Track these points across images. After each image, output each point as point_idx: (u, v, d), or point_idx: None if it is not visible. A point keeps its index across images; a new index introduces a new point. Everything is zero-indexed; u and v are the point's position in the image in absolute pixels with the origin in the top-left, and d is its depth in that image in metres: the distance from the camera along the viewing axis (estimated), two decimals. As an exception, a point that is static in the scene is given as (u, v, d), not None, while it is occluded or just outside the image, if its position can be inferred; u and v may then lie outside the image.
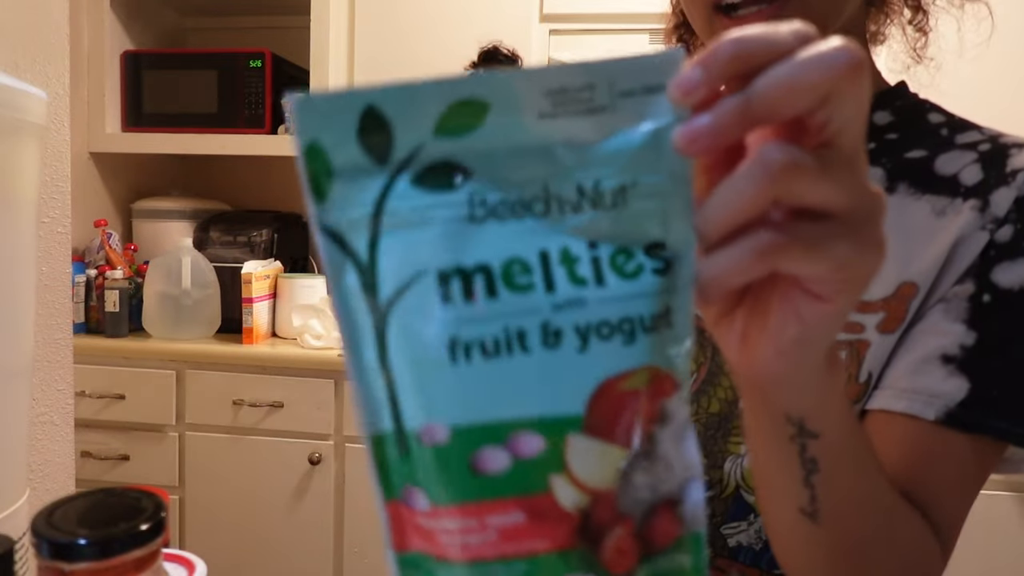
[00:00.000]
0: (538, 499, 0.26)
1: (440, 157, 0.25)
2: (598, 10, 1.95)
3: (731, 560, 0.56)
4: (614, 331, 0.26)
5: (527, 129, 0.25)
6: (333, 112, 0.25)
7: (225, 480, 1.85)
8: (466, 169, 0.25)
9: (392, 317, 0.25)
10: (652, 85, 0.25)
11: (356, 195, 0.25)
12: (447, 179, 0.25)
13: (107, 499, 0.37)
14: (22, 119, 0.60)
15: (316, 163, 0.25)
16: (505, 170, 0.25)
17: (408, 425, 0.26)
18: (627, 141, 0.26)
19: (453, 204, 0.25)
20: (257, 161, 2.35)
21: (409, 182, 0.25)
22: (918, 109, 0.58)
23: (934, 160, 0.54)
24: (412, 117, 0.25)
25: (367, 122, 0.25)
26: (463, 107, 0.25)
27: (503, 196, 0.25)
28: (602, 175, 0.26)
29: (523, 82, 0.25)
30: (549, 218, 0.25)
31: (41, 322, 0.97)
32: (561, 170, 0.25)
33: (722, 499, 0.56)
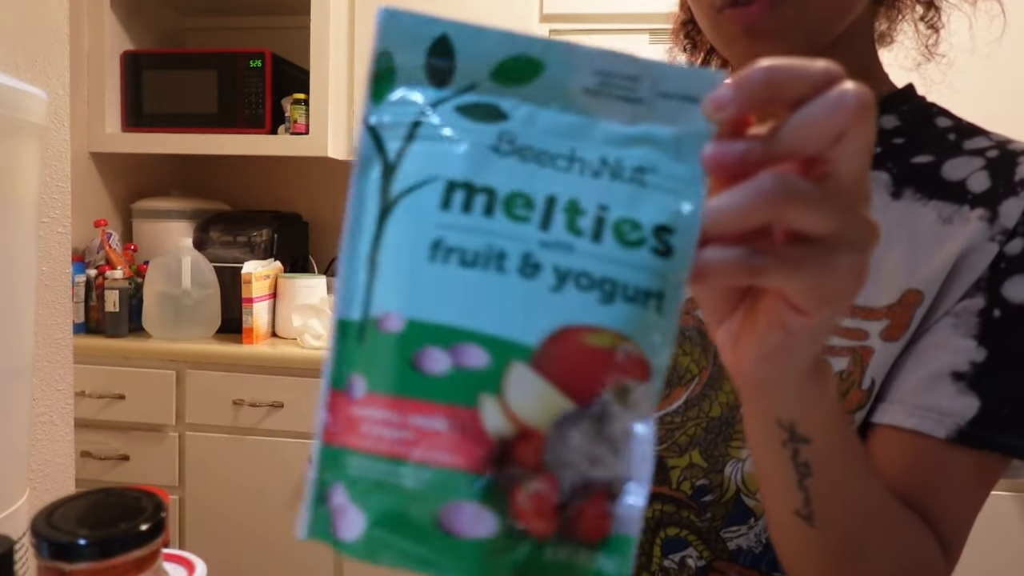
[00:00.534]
0: (464, 412, 0.26)
1: (488, 98, 0.28)
2: (598, 10, 1.95)
3: (730, 562, 0.56)
4: (594, 285, 0.27)
5: (570, 97, 0.28)
6: (412, 28, 0.28)
7: (225, 480, 1.85)
8: (507, 115, 0.28)
9: (396, 209, 0.27)
10: (689, 95, 0.28)
11: (406, 104, 0.28)
12: (488, 115, 0.28)
13: (107, 499, 0.37)
14: (22, 119, 0.60)
15: (383, 66, 0.28)
16: (541, 126, 0.28)
17: (372, 312, 0.27)
18: (656, 134, 0.28)
19: (485, 133, 0.28)
20: (257, 161, 2.35)
21: (455, 108, 0.28)
22: (925, 113, 0.58)
23: (941, 165, 0.53)
24: (476, 55, 0.28)
25: (437, 47, 0.28)
26: (522, 61, 0.28)
27: (532, 143, 0.28)
28: (626, 155, 0.28)
29: (579, 56, 0.28)
30: (568, 174, 0.27)
31: (41, 322, 0.97)
32: (591, 140, 0.28)
33: (722, 503, 0.56)
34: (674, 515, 0.57)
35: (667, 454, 0.57)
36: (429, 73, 0.28)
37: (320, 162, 2.15)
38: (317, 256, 2.35)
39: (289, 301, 1.96)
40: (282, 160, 2.34)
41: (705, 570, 0.56)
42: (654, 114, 0.28)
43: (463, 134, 0.28)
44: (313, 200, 2.40)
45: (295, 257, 2.21)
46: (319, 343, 1.85)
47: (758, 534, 0.55)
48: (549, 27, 1.98)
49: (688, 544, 0.57)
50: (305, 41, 1.97)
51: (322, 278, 2.03)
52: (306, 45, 1.97)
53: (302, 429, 1.82)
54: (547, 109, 0.28)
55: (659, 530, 0.58)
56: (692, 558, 0.56)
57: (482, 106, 0.28)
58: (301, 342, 1.87)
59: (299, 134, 1.99)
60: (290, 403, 1.82)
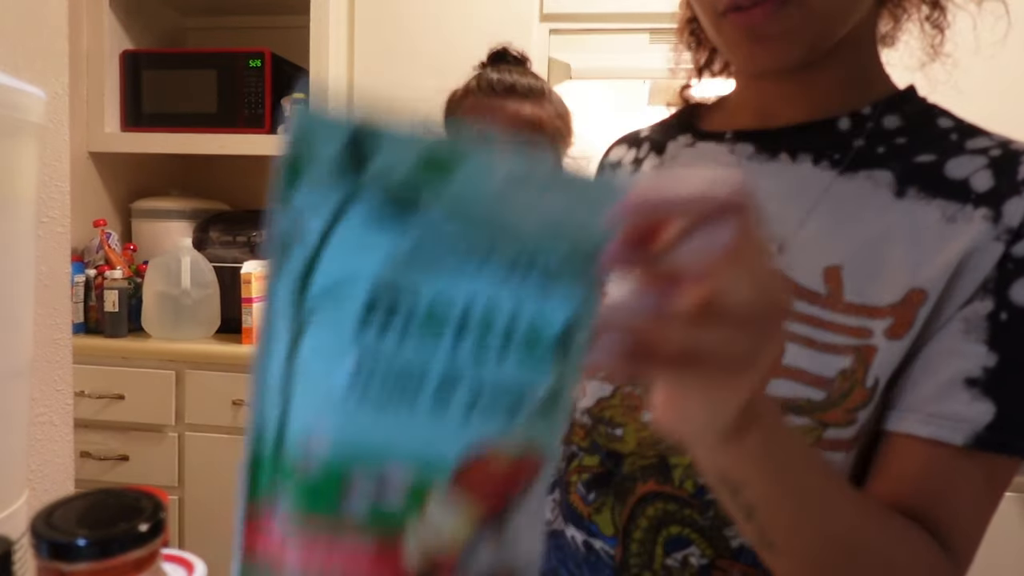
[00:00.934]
0: (387, 539, 0.26)
1: (408, 189, 0.27)
2: (598, 10, 1.95)
3: (733, 561, 0.55)
4: (504, 395, 0.27)
5: (489, 192, 0.28)
6: (330, 123, 0.27)
7: (225, 480, 1.85)
8: (427, 205, 0.27)
9: (315, 316, 0.27)
10: (595, 202, 0.29)
11: (326, 191, 0.27)
12: (404, 213, 0.27)
13: (106, 499, 0.37)
14: (21, 119, 0.60)
15: (300, 152, 0.27)
16: (461, 218, 0.28)
17: (292, 426, 0.27)
18: (561, 236, 0.29)
19: (401, 233, 0.27)
20: (257, 161, 2.35)
21: (370, 206, 0.27)
22: (927, 114, 0.58)
23: (944, 164, 0.53)
24: (397, 149, 0.27)
25: (354, 143, 0.27)
26: (442, 158, 0.27)
27: (453, 236, 0.28)
28: (535, 256, 0.29)
29: (494, 156, 0.28)
30: (480, 278, 0.28)
31: (41, 322, 0.97)
32: (503, 240, 0.28)
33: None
34: (676, 513, 0.57)
35: (668, 453, 0.57)
36: (348, 162, 0.27)
37: (320, 162, 2.15)
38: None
39: (289, 301, 1.96)
40: (282, 160, 2.34)
41: (708, 569, 0.56)
42: (560, 217, 0.28)
43: (378, 235, 0.27)
44: (313, 200, 2.40)
45: (295, 257, 2.21)
46: (319, 343, 1.85)
47: None
48: (549, 27, 1.97)
49: (690, 542, 0.56)
50: (305, 41, 1.97)
51: (322, 278, 2.03)
52: (306, 45, 1.97)
53: (302, 429, 1.82)
54: (461, 209, 0.28)
55: (661, 529, 0.57)
56: (694, 556, 0.56)
57: (402, 196, 0.27)
58: (301, 342, 1.87)
59: (299, 134, 1.99)
60: (290, 403, 1.82)
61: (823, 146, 0.58)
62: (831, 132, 0.58)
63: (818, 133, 0.58)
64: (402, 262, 0.27)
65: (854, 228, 0.53)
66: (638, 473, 0.58)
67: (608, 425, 0.61)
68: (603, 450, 0.61)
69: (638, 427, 0.59)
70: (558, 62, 2.14)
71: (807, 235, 0.55)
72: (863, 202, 0.54)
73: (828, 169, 0.57)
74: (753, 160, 0.60)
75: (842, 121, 0.58)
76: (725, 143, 0.63)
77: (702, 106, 0.70)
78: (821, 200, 0.56)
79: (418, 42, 2.00)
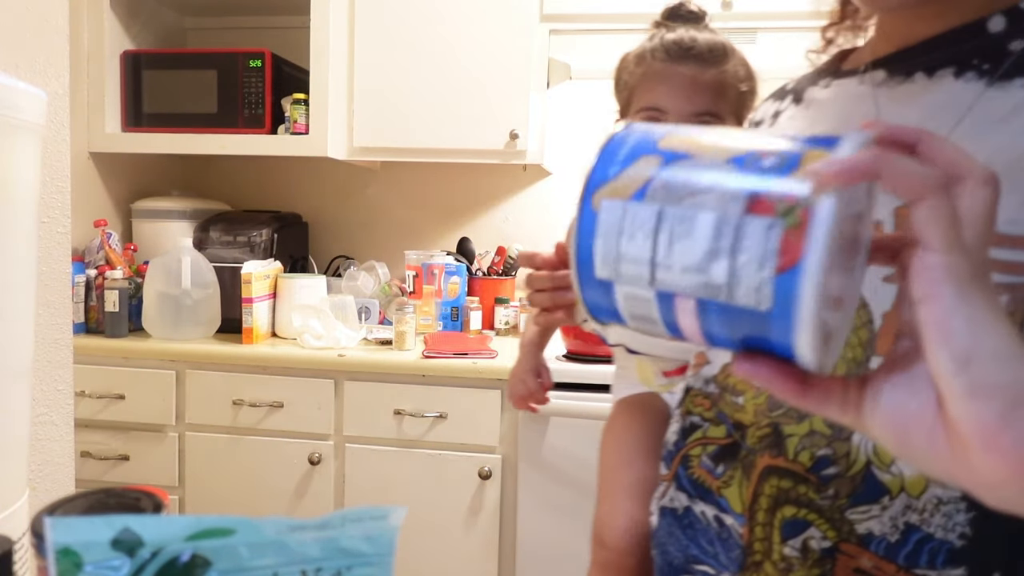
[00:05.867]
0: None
1: (187, 554, 0.30)
2: (598, 10, 1.95)
3: (861, 548, 0.48)
4: None
5: (266, 541, 0.32)
6: (90, 528, 0.29)
7: (225, 480, 1.85)
8: (208, 562, 0.31)
9: None
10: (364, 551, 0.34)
11: (108, 571, 0.30)
12: (194, 570, 0.30)
13: (107, 499, 0.37)
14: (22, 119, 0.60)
15: (68, 559, 0.29)
16: (242, 564, 0.31)
17: None
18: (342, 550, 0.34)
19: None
20: (257, 161, 2.35)
21: (156, 568, 0.30)
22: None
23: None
24: (165, 533, 0.30)
25: (121, 535, 0.30)
26: (212, 531, 0.31)
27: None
28: (323, 567, 0.33)
29: (268, 524, 0.32)
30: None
31: (41, 322, 0.97)
32: (289, 561, 0.32)
33: (848, 477, 0.49)
34: (791, 492, 0.50)
35: (784, 420, 0.51)
36: (118, 550, 0.30)
37: (320, 162, 2.15)
38: (317, 256, 2.35)
39: (289, 301, 1.96)
40: (282, 160, 2.34)
41: (831, 552, 0.49)
42: (341, 544, 0.33)
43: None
44: (313, 200, 2.40)
45: (295, 257, 2.21)
46: (319, 343, 1.85)
47: (894, 517, 0.47)
48: (549, 27, 1.98)
49: (809, 524, 0.49)
50: (305, 41, 1.97)
51: (322, 278, 2.03)
52: (306, 45, 1.97)
53: (302, 429, 1.82)
54: (247, 552, 0.32)
55: (776, 511, 0.51)
56: (815, 539, 0.49)
57: (185, 562, 0.30)
58: (301, 342, 1.87)
59: (299, 134, 1.99)
60: (290, 403, 1.82)
61: (968, 55, 0.50)
62: (980, 36, 0.50)
63: (962, 39, 0.50)
64: None
65: (1005, 146, 0.46)
66: (757, 444, 0.53)
67: (733, 393, 0.56)
68: (729, 420, 0.56)
69: (754, 393, 0.54)
70: (558, 62, 2.14)
71: None
72: (1019, 115, 0.46)
73: (974, 81, 0.49)
74: (883, 86, 0.54)
75: (994, 20, 0.49)
76: (857, 75, 0.57)
77: (850, 51, 0.64)
78: (964, 119, 0.48)
79: (418, 42, 2.00)
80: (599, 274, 0.33)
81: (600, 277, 0.33)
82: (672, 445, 0.63)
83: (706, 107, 0.79)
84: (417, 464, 1.79)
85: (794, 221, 0.28)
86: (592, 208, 0.33)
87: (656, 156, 0.32)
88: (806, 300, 0.28)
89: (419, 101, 1.99)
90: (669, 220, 0.31)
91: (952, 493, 0.46)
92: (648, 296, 0.32)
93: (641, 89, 0.82)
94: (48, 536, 0.29)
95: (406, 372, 1.77)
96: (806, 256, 0.28)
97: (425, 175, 2.35)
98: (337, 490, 1.83)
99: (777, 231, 0.29)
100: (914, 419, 0.31)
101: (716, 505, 0.56)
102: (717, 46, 0.81)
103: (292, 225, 2.24)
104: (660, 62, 0.80)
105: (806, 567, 0.49)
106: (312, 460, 1.81)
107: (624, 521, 0.71)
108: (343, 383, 1.80)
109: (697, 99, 0.78)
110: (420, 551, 1.78)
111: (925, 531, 0.46)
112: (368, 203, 2.40)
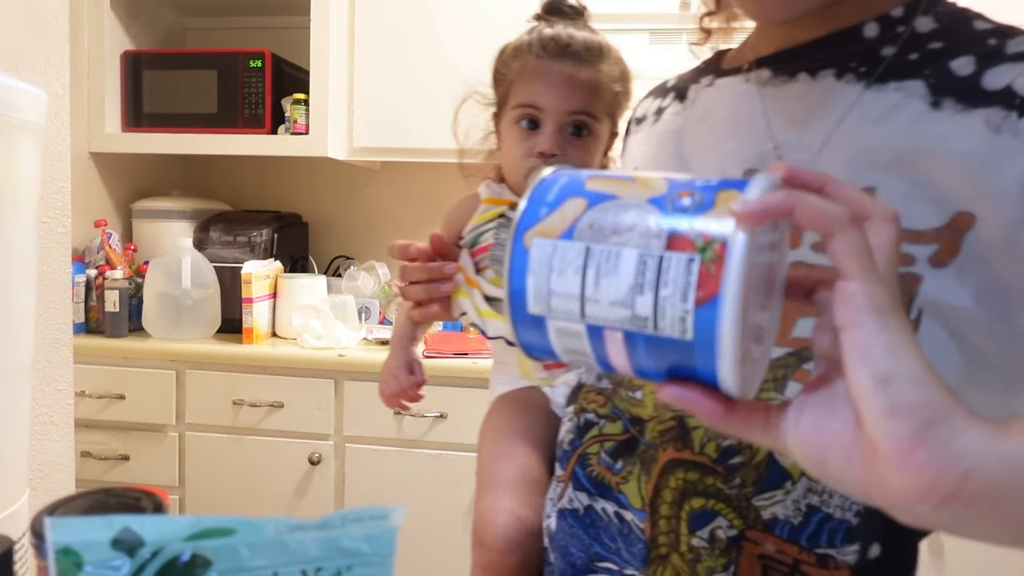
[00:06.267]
0: None
1: (187, 553, 0.31)
2: (598, 10, 1.94)
3: (766, 533, 0.50)
4: None
5: (266, 541, 0.32)
6: (90, 528, 0.29)
7: (225, 480, 1.85)
8: (208, 562, 0.31)
9: None
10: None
11: (108, 571, 0.30)
12: (194, 570, 0.31)
13: (107, 499, 0.37)
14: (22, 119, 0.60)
15: (68, 559, 0.29)
16: (242, 563, 0.31)
17: None
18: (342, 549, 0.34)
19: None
20: (257, 161, 2.35)
21: (156, 568, 0.30)
22: (961, 16, 0.53)
23: (981, 76, 0.49)
24: (162, 531, 0.30)
25: (121, 535, 0.30)
26: (212, 531, 0.31)
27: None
28: (323, 567, 0.33)
29: (268, 524, 0.32)
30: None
31: (41, 322, 0.97)
32: (289, 561, 0.32)
33: (753, 466, 0.51)
34: (698, 483, 0.52)
35: (687, 414, 0.52)
36: (118, 549, 0.30)
37: (320, 162, 2.15)
38: (317, 256, 2.35)
39: (289, 301, 1.96)
40: (282, 160, 2.34)
41: (737, 540, 0.50)
42: (341, 543, 0.33)
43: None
44: (313, 200, 2.40)
45: (295, 257, 2.21)
46: (319, 343, 1.85)
47: (796, 500, 0.50)
48: (549, 27, 1.97)
49: (716, 514, 0.51)
50: (305, 41, 1.97)
51: (322, 278, 2.03)
52: (306, 45, 1.97)
53: (302, 429, 1.82)
54: (247, 551, 0.32)
55: (683, 503, 0.52)
56: (722, 528, 0.51)
57: (186, 562, 0.31)
58: (301, 342, 1.87)
59: (299, 134, 1.99)
60: (290, 403, 1.82)
61: (846, 57, 0.53)
62: (856, 40, 0.53)
63: (841, 44, 0.53)
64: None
65: (886, 146, 0.49)
66: (658, 439, 0.54)
67: (628, 388, 0.57)
68: (625, 416, 0.57)
69: (654, 388, 0.55)
70: (558, 62, 2.14)
71: (831, 156, 0.51)
72: (895, 116, 0.49)
73: (853, 83, 0.52)
74: (768, 84, 0.57)
75: (869, 27, 0.53)
76: (741, 74, 0.59)
77: (729, 50, 0.67)
78: (847, 117, 0.51)
79: (418, 42, 2.00)
80: (532, 310, 0.35)
81: (533, 312, 0.35)
82: (567, 445, 0.62)
83: (581, 106, 0.78)
84: (417, 464, 1.79)
85: (712, 255, 0.31)
86: (524, 246, 0.35)
87: (583, 197, 0.35)
88: (726, 328, 0.31)
89: (419, 101, 1.99)
90: (596, 256, 0.33)
91: None
92: (579, 330, 0.34)
93: (518, 85, 0.81)
94: (48, 536, 0.29)
95: (406, 372, 1.77)
96: (724, 287, 0.30)
97: (425, 175, 2.35)
98: (337, 490, 1.83)
99: (696, 265, 0.31)
100: (832, 440, 0.33)
101: (615, 501, 0.56)
102: (594, 45, 0.81)
103: (292, 225, 2.24)
104: (537, 58, 0.80)
105: (713, 557, 0.51)
106: (312, 460, 1.81)
107: (505, 518, 0.67)
108: (343, 383, 1.80)
109: (573, 97, 0.78)
110: (420, 551, 1.78)
111: (825, 511, 0.49)
112: (368, 203, 2.40)
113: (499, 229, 0.79)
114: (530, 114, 0.79)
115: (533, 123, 0.79)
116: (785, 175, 0.34)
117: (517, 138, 0.80)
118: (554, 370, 0.79)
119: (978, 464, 0.30)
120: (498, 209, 0.81)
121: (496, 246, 0.77)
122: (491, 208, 0.82)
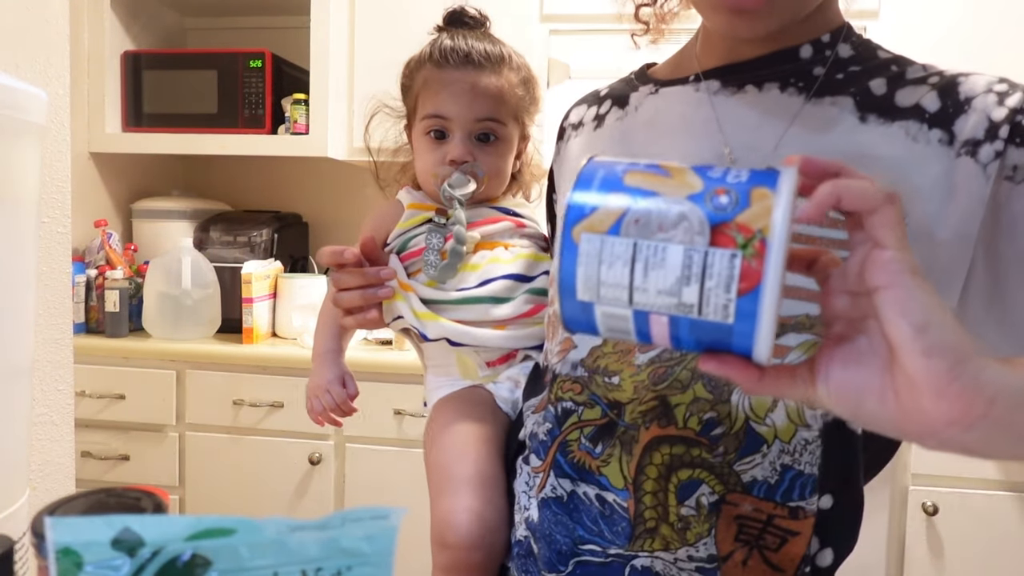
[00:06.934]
0: None
1: (188, 553, 0.30)
2: (598, 10, 1.95)
3: (744, 494, 0.55)
4: None
5: (266, 541, 0.31)
6: (90, 527, 0.29)
7: (225, 480, 1.85)
8: (208, 562, 0.31)
9: None
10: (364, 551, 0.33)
11: (108, 571, 0.30)
12: (194, 570, 0.31)
13: (107, 499, 0.37)
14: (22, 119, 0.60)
15: (68, 559, 0.29)
16: (242, 564, 0.31)
17: None
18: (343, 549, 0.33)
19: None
20: (257, 161, 2.35)
21: (156, 568, 0.30)
22: (868, 45, 0.62)
23: (894, 96, 0.57)
24: (162, 531, 0.30)
25: (121, 535, 0.30)
26: (212, 531, 0.31)
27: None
28: (323, 567, 0.33)
29: (268, 524, 0.32)
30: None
31: (41, 322, 0.97)
32: (289, 561, 0.32)
33: (732, 434, 0.55)
34: (684, 456, 0.56)
35: (669, 392, 0.56)
36: (118, 549, 0.30)
37: (320, 162, 2.15)
38: (317, 256, 2.34)
39: (289, 301, 1.96)
40: (282, 160, 2.34)
41: (718, 504, 0.55)
42: (341, 542, 0.33)
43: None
44: (313, 200, 2.40)
45: (295, 257, 2.21)
46: (319, 343, 1.85)
47: (772, 462, 0.55)
48: (549, 27, 1.97)
49: (701, 482, 0.55)
50: (305, 41, 1.97)
51: (322, 278, 2.03)
52: (306, 45, 1.97)
53: (302, 429, 1.82)
54: (247, 551, 0.31)
55: (671, 476, 0.56)
56: (705, 495, 0.55)
57: (185, 562, 0.30)
58: (301, 342, 1.87)
59: (299, 134, 1.99)
60: (290, 403, 1.82)
61: (787, 74, 0.60)
62: (794, 59, 0.61)
63: (781, 61, 0.61)
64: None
65: (828, 151, 0.54)
66: (640, 419, 0.57)
67: (604, 374, 0.60)
68: (603, 401, 0.60)
69: (633, 372, 0.58)
70: (558, 62, 2.14)
71: (783, 157, 0.56)
72: (833, 126, 0.57)
73: (795, 96, 0.60)
74: (719, 94, 0.63)
75: (804, 49, 0.61)
76: (690, 84, 0.65)
77: (656, 64, 0.73)
78: (792, 126, 0.59)
79: (418, 42, 1.99)
80: (580, 297, 0.39)
81: (582, 300, 0.39)
82: (545, 434, 0.64)
83: (487, 112, 0.80)
84: (417, 464, 1.79)
85: (752, 252, 0.35)
86: (573, 240, 0.39)
87: (624, 194, 0.39)
88: (765, 314, 0.35)
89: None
90: (644, 251, 0.37)
91: (813, 434, 0.55)
92: (626, 314, 0.38)
93: (424, 96, 0.83)
94: (48, 536, 0.29)
95: (406, 372, 1.77)
96: (764, 280, 0.35)
97: (425, 175, 2.35)
98: (337, 490, 1.84)
99: (738, 260, 0.35)
100: (863, 386, 0.39)
101: (597, 484, 0.59)
102: (494, 53, 0.83)
103: (292, 225, 2.24)
104: (439, 69, 0.82)
105: (699, 523, 0.56)
106: (312, 460, 1.81)
107: (468, 516, 0.67)
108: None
109: (477, 105, 0.79)
110: (420, 551, 1.78)
111: (796, 469, 0.55)
112: (368, 203, 2.39)
113: (429, 234, 0.80)
114: (438, 124, 0.81)
115: (440, 133, 0.81)
116: (801, 166, 0.38)
117: (428, 148, 0.82)
118: (497, 366, 0.80)
119: (1000, 391, 0.36)
120: (425, 214, 0.82)
121: (428, 250, 0.78)
122: (417, 213, 0.84)
